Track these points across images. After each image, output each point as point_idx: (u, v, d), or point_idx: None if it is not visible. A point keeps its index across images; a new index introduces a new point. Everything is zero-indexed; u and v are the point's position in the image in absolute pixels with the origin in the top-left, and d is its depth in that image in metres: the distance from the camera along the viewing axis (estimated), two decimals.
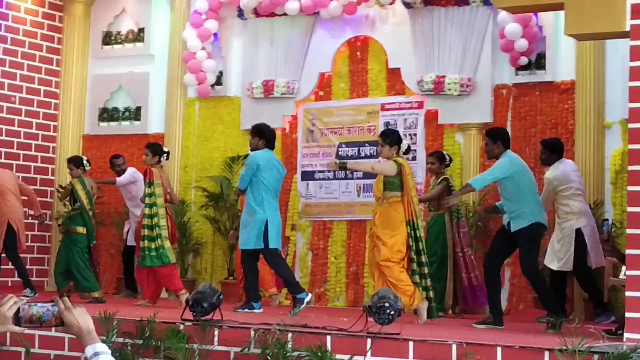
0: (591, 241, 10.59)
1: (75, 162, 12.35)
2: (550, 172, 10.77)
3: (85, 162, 12.33)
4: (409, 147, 10.43)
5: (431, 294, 9.93)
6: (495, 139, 10.00)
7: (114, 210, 14.39)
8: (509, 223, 9.78)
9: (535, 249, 9.94)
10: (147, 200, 11.31)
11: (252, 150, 10.90)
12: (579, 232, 10.58)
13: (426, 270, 9.91)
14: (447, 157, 11.78)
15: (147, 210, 11.32)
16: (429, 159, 11.84)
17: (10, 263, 12.91)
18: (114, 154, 13.54)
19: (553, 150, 10.87)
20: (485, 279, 10.08)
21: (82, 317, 3.55)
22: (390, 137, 10.08)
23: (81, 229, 11.99)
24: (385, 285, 9.42)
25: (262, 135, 10.76)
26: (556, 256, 10.63)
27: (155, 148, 11.56)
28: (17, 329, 3.56)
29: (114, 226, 14.32)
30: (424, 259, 9.91)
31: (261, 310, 10.39)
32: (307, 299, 10.20)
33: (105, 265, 14.51)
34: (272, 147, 10.87)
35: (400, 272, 9.70)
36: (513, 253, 10.22)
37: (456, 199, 10.62)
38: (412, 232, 9.82)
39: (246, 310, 10.22)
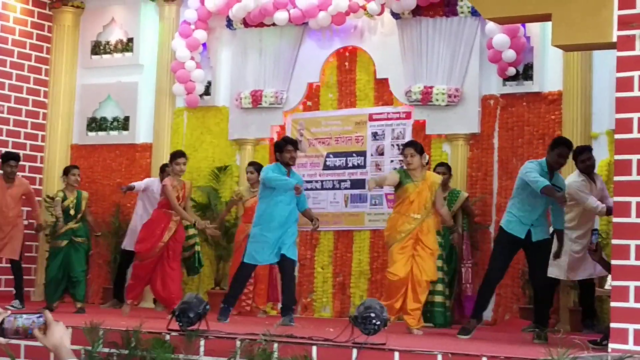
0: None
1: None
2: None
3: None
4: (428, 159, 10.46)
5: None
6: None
7: (102, 221, 14.32)
8: (528, 232, 9.64)
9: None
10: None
11: None
12: None
13: None
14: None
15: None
16: (439, 169, 11.70)
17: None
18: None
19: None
20: (485, 289, 9.88)
21: (63, 332, 3.57)
22: (420, 146, 10.12)
23: (85, 239, 12.04)
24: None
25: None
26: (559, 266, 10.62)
27: None
28: (2, 340, 3.58)
29: (102, 236, 14.25)
30: None
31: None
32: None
33: (93, 275, 14.44)
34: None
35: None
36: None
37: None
38: None
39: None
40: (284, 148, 10.54)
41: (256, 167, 12.06)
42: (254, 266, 10.72)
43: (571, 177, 10.40)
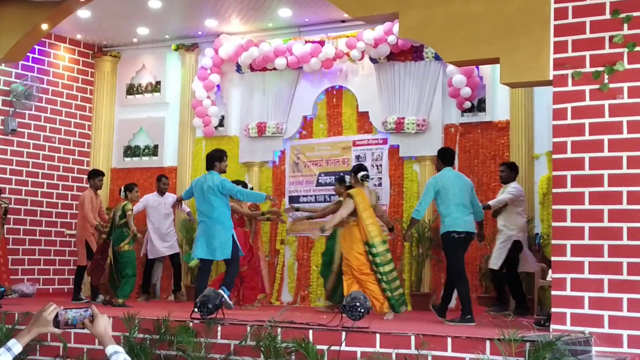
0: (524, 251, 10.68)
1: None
2: (515, 190, 10.79)
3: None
4: (366, 175, 10.09)
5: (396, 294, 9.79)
6: (438, 156, 9.93)
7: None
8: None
9: (454, 253, 9.49)
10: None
11: None
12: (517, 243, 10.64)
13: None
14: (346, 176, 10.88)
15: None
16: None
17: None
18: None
19: (512, 170, 10.94)
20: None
21: (107, 322, 3.58)
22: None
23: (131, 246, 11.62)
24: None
25: None
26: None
27: None
28: (57, 330, 3.59)
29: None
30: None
31: None
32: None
33: None
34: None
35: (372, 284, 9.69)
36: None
37: (408, 235, 10.41)
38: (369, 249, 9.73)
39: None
40: (225, 157, 10.32)
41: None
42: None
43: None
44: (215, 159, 10.15)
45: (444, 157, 9.79)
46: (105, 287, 12.34)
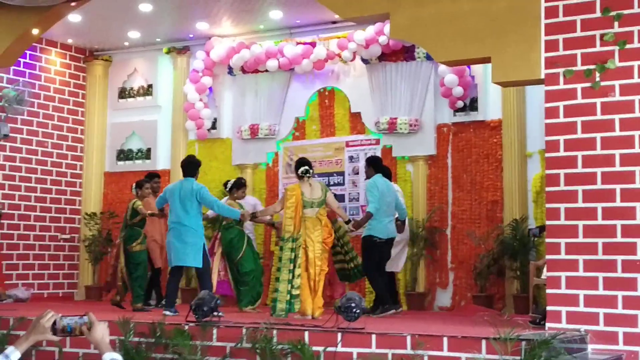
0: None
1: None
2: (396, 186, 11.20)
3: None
4: (306, 170, 9.75)
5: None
6: (369, 164, 10.57)
7: None
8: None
9: (371, 255, 10.26)
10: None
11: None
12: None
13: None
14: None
15: None
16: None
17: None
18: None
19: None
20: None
21: (104, 330, 3.56)
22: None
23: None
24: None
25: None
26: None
27: None
28: (54, 337, 3.59)
29: None
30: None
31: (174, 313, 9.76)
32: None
33: None
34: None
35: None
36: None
37: (358, 228, 10.47)
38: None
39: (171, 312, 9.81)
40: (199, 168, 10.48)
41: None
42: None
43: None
44: (196, 166, 10.38)
45: (376, 165, 10.54)
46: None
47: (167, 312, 9.71)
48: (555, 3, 7.94)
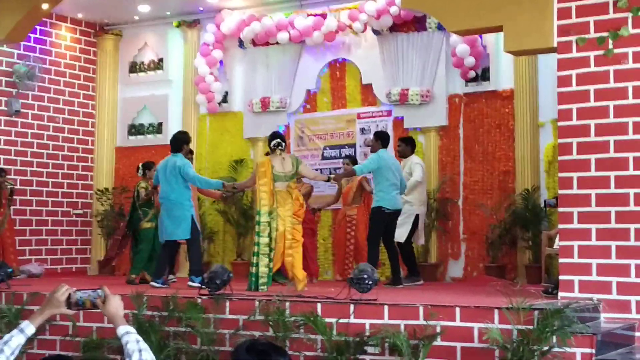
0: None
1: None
2: (420, 167, 11.14)
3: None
4: (277, 143, 9.70)
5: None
6: (377, 138, 10.68)
7: None
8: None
9: (377, 225, 10.40)
10: None
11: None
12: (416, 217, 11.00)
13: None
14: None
15: None
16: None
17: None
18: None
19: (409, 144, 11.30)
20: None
21: (118, 303, 3.56)
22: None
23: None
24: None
25: None
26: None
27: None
28: (69, 311, 3.58)
29: None
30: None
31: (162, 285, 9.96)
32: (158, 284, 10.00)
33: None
34: None
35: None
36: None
37: (340, 180, 11.14)
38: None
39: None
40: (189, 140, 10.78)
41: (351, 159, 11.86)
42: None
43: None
44: (182, 142, 10.52)
45: (383, 140, 10.62)
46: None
47: (154, 283, 10.06)
48: None
